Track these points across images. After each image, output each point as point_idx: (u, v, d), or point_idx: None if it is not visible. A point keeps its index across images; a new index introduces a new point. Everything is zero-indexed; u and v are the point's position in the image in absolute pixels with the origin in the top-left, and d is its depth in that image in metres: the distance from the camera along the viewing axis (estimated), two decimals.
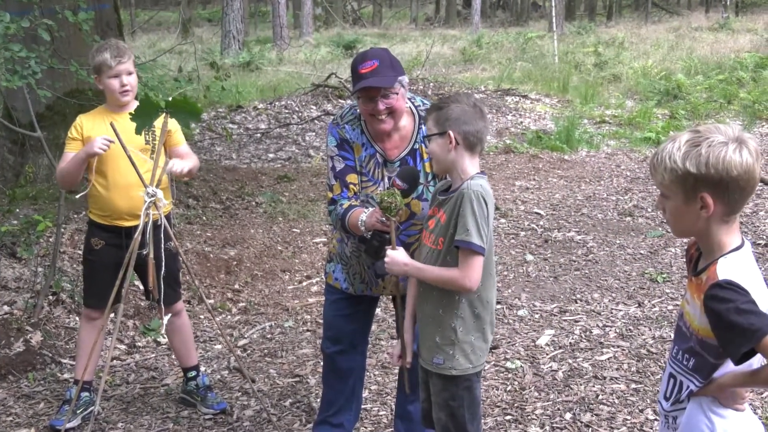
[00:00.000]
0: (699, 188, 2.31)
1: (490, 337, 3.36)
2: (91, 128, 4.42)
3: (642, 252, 7.40)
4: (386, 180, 3.80)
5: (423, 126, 3.72)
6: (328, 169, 3.89)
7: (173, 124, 4.30)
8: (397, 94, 3.68)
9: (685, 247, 2.67)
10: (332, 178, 3.86)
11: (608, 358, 5.29)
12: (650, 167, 2.43)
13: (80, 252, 5.40)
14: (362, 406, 4.62)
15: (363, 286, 4.01)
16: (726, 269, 2.31)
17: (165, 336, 5.46)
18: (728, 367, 2.38)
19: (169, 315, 4.49)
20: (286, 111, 13.78)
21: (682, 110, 13.92)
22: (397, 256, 3.29)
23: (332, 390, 4.25)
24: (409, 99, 3.86)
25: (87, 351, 4.49)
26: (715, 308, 2.27)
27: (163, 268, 4.14)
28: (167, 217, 4.35)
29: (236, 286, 6.76)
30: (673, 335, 2.68)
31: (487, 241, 3.13)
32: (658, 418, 4.43)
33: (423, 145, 3.77)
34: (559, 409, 4.68)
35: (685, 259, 2.67)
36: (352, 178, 3.83)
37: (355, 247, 3.91)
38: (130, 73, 4.44)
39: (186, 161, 4.41)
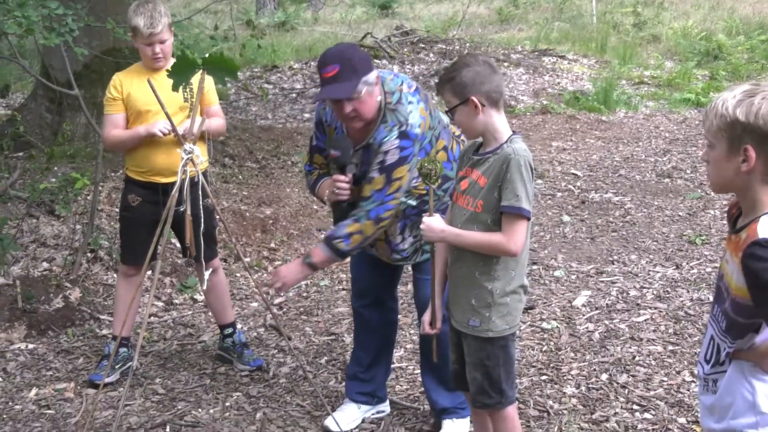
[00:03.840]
0: (744, 139, 2.27)
1: (524, 297, 3.34)
2: (130, 86, 4.43)
3: (680, 214, 7.32)
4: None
5: (382, 126, 3.64)
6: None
7: (208, 83, 4.28)
8: (359, 98, 3.59)
9: (726, 207, 2.61)
10: (309, 147, 4.06)
11: (645, 320, 5.25)
12: (704, 114, 2.38)
13: (117, 210, 5.41)
14: (398, 365, 4.63)
15: (371, 248, 3.96)
16: (767, 227, 2.25)
17: (202, 293, 5.49)
18: None
19: (210, 270, 4.50)
20: None
21: (722, 71, 13.67)
22: (433, 223, 3.25)
23: (362, 345, 4.27)
24: (388, 93, 3.70)
25: (124, 307, 4.53)
26: (753, 267, 2.21)
27: (201, 225, 4.15)
28: (204, 174, 4.35)
29: (272, 245, 6.79)
30: (713, 296, 2.64)
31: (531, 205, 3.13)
32: (695, 380, 4.41)
33: (377, 142, 3.67)
34: (595, 369, 4.67)
35: (726, 219, 2.62)
36: (317, 158, 4.00)
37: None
38: (162, 42, 4.41)
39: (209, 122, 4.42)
